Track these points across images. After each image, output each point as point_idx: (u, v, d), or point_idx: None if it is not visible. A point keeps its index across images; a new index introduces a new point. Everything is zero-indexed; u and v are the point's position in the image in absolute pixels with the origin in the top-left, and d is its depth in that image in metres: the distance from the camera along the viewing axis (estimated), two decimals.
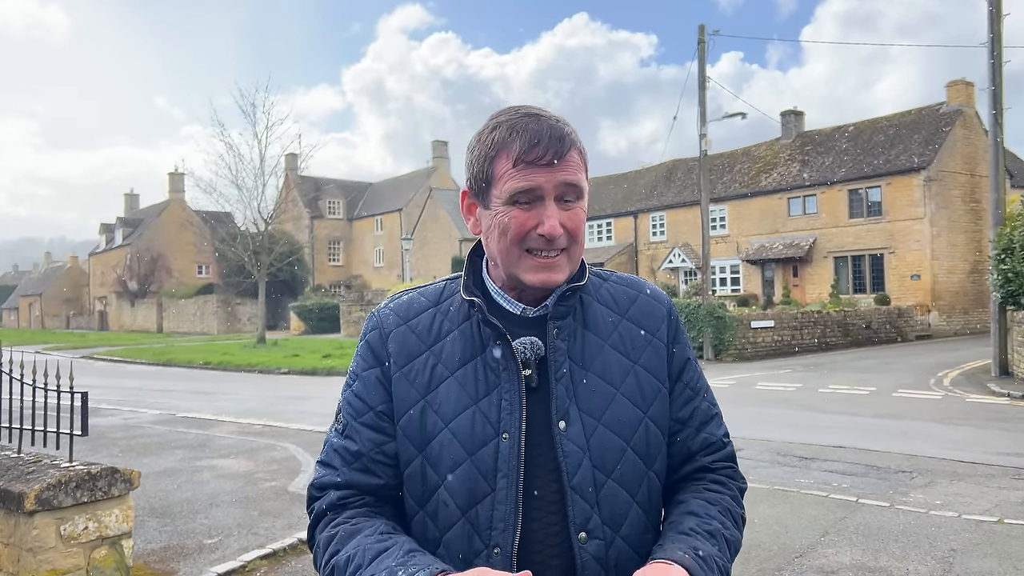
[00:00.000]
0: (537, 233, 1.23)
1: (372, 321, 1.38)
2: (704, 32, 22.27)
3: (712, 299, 23.88)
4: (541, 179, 1.22)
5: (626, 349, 1.32)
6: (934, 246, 30.12)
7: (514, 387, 1.25)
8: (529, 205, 1.23)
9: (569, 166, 1.23)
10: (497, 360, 1.27)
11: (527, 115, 1.25)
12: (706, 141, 22.38)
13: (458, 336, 1.31)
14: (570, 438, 1.23)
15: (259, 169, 31.71)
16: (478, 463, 1.22)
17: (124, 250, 62.10)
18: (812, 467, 8.00)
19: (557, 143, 1.22)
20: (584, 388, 1.27)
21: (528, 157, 1.21)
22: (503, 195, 1.23)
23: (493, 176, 1.25)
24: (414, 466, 1.27)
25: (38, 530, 3.77)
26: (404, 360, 1.31)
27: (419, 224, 51.27)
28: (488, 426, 1.24)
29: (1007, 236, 15.53)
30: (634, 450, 1.27)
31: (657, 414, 1.31)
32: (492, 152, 1.25)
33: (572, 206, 1.26)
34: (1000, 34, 16.31)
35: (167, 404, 13.98)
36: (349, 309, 39.64)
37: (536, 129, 1.22)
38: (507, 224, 1.24)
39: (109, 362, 27.27)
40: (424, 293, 1.40)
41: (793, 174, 35.48)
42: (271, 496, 7.01)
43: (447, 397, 1.26)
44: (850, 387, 14.71)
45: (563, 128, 1.25)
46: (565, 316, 1.31)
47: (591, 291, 1.37)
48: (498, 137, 1.24)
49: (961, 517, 6.09)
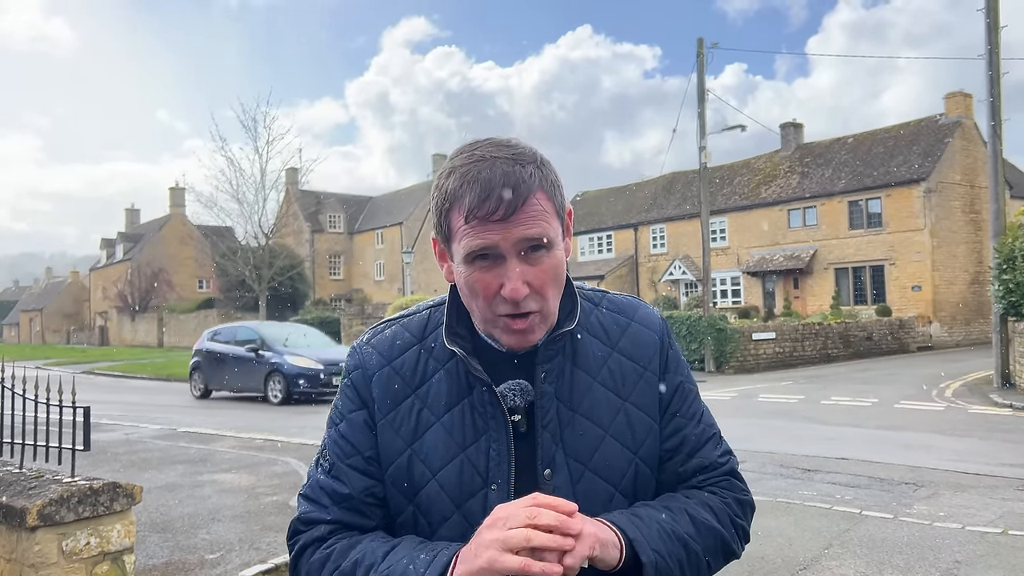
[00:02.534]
0: (501, 295, 1.14)
1: (354, 359, 1.31)
2: (703, 45, 22.37)
3: (713, 311, 23.88)
4: (495, 237, 1.11)
5: (616, 386, 1.27)
6: (934, 257, 30.15)
7: (502, 435, 1.20)
8: (490, 263, 1.14)
9: (528, 217, 1.12)
10: (484, 407, 1.22)
11: (480, 160, 1.13)
12: (706, 154, 22.45)
13: (444, 376, 1.25)
14: (556, 487, 1.19)
15: (260, 184, 31.94)
16: (467, 515, 1.18)
17: (125, 265, 62.16)
18: (815, 479, 7.97)
19: (512, 194, 1.10)
20: (571, 432, 1.22)
21: (479, 213, 1.10)
22: (461, 252, 1.15)
23: (451, 230, 1.16)
24: (405, 515, 1.23)
25: (40, 546, 3.76)
26: (389, 407, 1.25)
27: (420, 237, 51.30)
28: (476, 476, 1.20)
29: (1008, 247, 15.54)
30: (623, 494, 1.24)
31: (648, 453, 1.27)
32: (446, 205, 1.15)
33: (539, 259, 1.14)
34: (998, 46, 16.38)
35: (168, 419, 13.95)
36: (350, 323, 39.59)
37: (487, 179, 1.11)
38: (472, 285, 1.16)
39: (110, 377, 27.24)
40: (408, 326, 1.32)
41: (793, 186, 35.57)
42: (273, 511, 6.98)
43: (434, 445, 1.22)
44: (852, 399, 14.68)
45: (520, 173, 1.12)
46: (553, 358, 1.24)
47: (581, 321, 1.29)
48: (450, 188, 1.14)
49: (965, 529, 6.06)
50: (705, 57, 22.35)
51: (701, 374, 21.32)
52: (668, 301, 35.71)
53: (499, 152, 1.14)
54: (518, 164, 1.13)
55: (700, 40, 22.41)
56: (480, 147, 1.16)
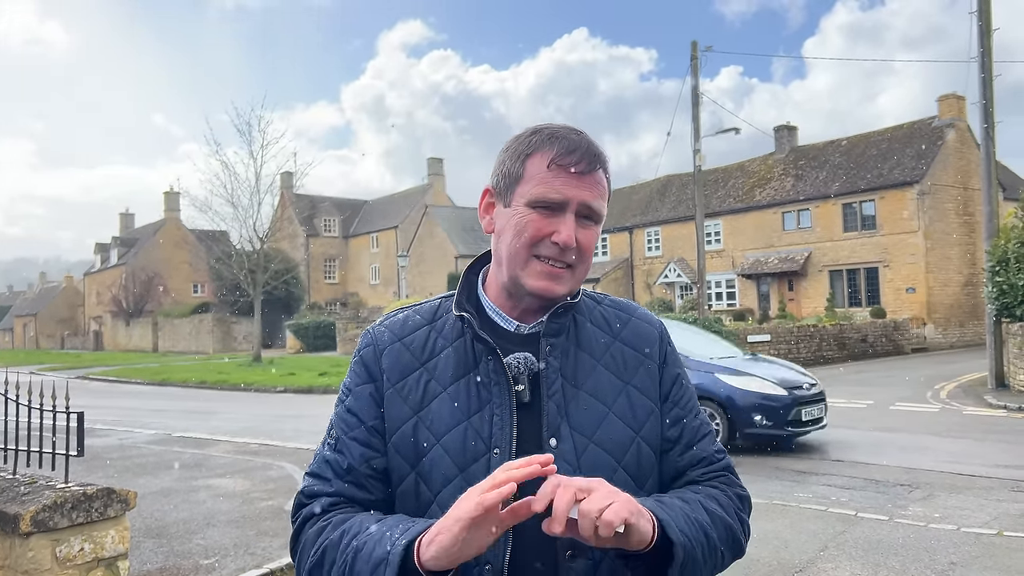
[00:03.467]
0: (552, 240, 1.25)
1: (367, 338, 1.38)
2: (697, 49, 22.44)
3: (708, 314, 23.92)
4: (570, 192, 1.24)
5: (618, 370, 1.33)
6: (928, 259, 30.24)
7: (505, 403, 1.25)
8: (550, 212, 1.25)
9: (596, 185, 1.27)
10: (489, 375, 1.27)
11: (570, 129, 1.30)
12: (700, 157, 22.50)
13: (451, 353, 1.31)
14: (561, 455, 1.22)
15: (255, 188, 31.80)
16: (469, 479, 1.21)
17: (119, 270, 61.99)
18: (810, 481, 7.98)
19: (592, 156, 1.26)
20: (576, 406, 1.27)
21: (563, 161, 1.24)
22: (528, 196, 1.26)
23: (523, 174, 1.27)
24: (407, 483, 1.26)
25: (34, 552, 3.74)
26: (397, 377, 1.31)
27: (415, 241, 51.29)
28: (480, 441, 1.24)
29: (1001, 248, 15.60)
30: (625, 470, 1.27)
31: (649, 434, 1.31)
32: (528, 151, 1.28)
33: (589, 226, 1.28)
34: (990, 49, 16.45)
35: (163, 424, 13.91)
36: (345, 327, 39.62)
37: (576, 140, 1.27)
38: (524, 225, 1.25)
39: (104, 382, 27.16)
40: (419, 311, 1.40)
41: (787, 188, 35.66)
42: (268, 515, 6.96)
43: (439, 413, 1.26)
44: (847, 400, 14.70)
45: (599, 148, 1.29)
46: (558, 334, 1.31)
47: (584, 312, 1.37)
48: (536, 140, 1.28)
49: (960, 530, 6.08)
50: (699, 60, 22.43)
51: None
52: (663, 304, 35.75)
53: (581, 130, 1.31)
54: (597, 145, 1.30)
55: (694, 43, 22.48)
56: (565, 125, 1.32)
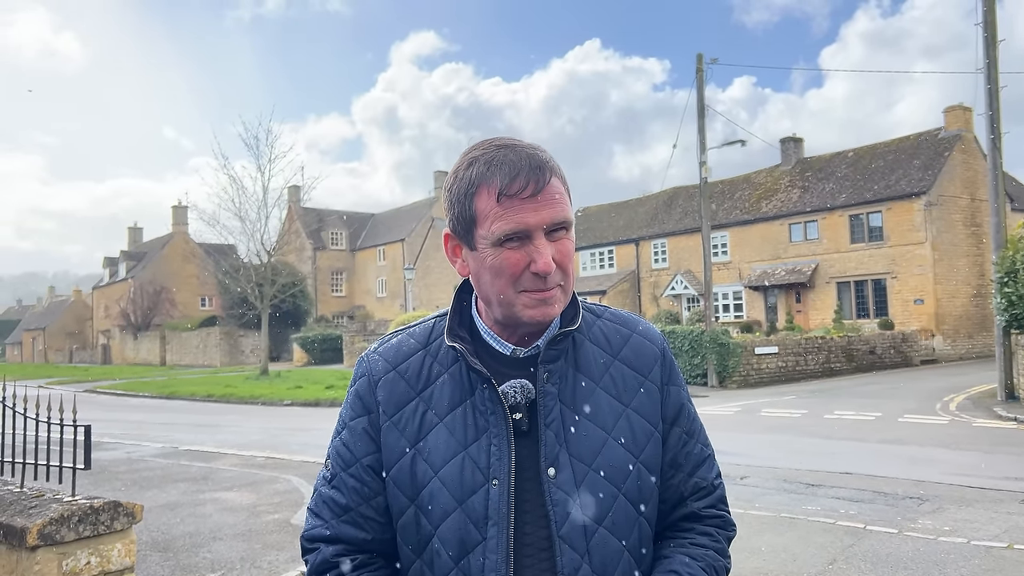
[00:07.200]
0: (531, 272, 1.19)
1: (361, 367, 1.35)
2: (702, 61, 22.50)
3: (715, 326, 23.85)
4: (530, 219, 1.18)
5: (618, 392, 1.30)
6: (936, 270, 30.12)
7: (503, 432, 1.22)
8: (518, 244, 1.19)
9: (553, 198, 1.20)
10: (485, 404, 1.25)
11: (502, 147, 1.21)
12: (706, 169, 22.51)
13: (448, 380, 1.28)
14: (559, 485, 1.21)
15: (262, 201, 31.95)
16: (468, 511, 1.20)
17: (128, 283, 62.24)
18: (819, 494, 7.93)
19: (537, 172, 1.18)
20: (575, 433, 1.24)
21: (510, 190, 1.17)
22: (490, 236, 1.19)
23: (476, 215, 1.21)
24: (407, 516, 1.25)
25: (40, 565, 3.74)
26: (394, 409, 1.28)
27: (421, 254, 51.39)
28: (477, 472, 1.22)
29: (1010, 259, 15.53)
30: (626, 496, 1.25)
31: (649, 459, 1.28)
32: (472, 189, 1.20)
33: (561, 238, 1.22)
34: (996, 59, 16.46)
35: (170, 437, 13.93)
36: (352, 340, 39.62)
37: (514, 160, 1.19)
38: (499, 267, 1.20)
39: (112, 395, 27.22)
40: (413, 334, 1.37)
41: (794, 200, 35.62)
42: (274, 529, 6.96)
43: (436, 444, 1.24)
44: (856, 413, 14.63)
45: (541, 156, 1.21)
46: (556, 360, 1.27)
47: (583, 329, 1.33)
48: (475, 173, 1.20)
49: (970, 543, 6.03)
50: (705, 72, 22.47)
51: (704, 389, 21.27)
52: (670, 316, 35.68)
53: (514, 142, 1.23)
54: (535, 151, 1.22)
55: (699, 56, 22.54)
56: (494, 140, 1.24)
